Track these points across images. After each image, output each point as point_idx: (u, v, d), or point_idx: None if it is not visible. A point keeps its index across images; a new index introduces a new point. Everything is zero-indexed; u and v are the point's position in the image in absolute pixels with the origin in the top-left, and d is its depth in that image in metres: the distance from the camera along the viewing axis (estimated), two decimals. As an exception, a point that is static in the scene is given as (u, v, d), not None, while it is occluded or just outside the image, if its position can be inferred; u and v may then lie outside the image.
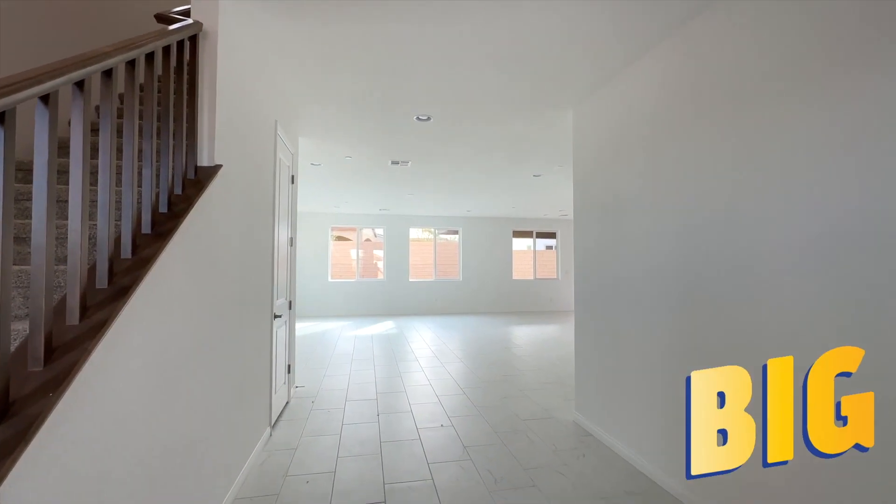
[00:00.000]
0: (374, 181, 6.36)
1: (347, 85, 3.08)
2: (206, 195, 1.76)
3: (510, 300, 11.00)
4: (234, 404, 2.17)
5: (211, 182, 1.79)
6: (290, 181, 3.76)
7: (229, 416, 2.11)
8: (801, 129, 1.64)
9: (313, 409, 3.55)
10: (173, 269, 1.48)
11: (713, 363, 2.01)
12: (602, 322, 2.96)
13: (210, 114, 1.86)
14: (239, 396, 2.27)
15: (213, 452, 1.89)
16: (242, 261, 2.30)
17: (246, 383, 2.38)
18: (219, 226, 1.90)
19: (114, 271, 1.19)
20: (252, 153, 2.51)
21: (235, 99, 2.15)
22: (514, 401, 3.79)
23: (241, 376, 2.29)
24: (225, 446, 2.07)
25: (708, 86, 2.08)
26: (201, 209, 1.73)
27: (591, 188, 3.13)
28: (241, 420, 2.31)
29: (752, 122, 1.84)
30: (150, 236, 1.38)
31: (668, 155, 2.35)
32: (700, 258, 2.10)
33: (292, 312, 3.84)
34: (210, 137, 1.85)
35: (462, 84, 3.03)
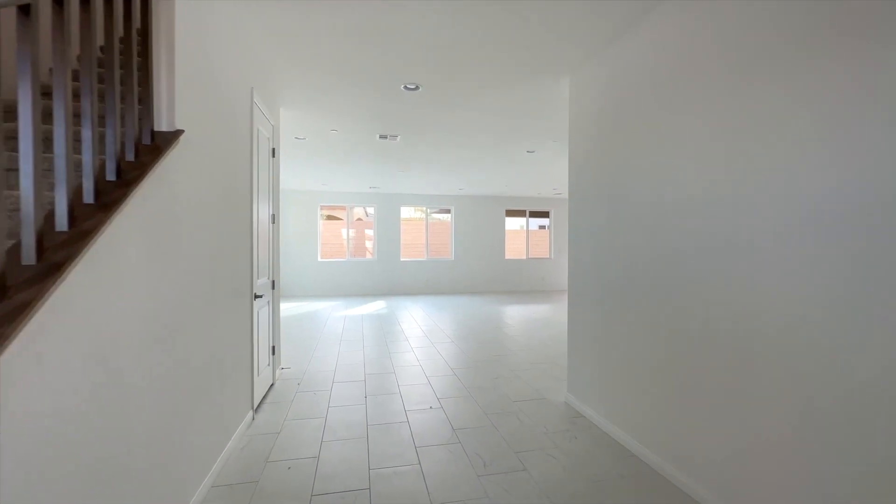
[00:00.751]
0: (362, 157, 6.14)
1: (328, 48, 2.86)
2: (165, 163, 1.59)
3: (502, 280, 10.94)
4: (207, 389, 2.05)
5: (171, 149, 1.62)
6: (271, 154, 3.56)
7: (202, 401, 1.99)
8: (817, 101, 1.50)
9: (299, 391, 3.45)
10: (124, 244, 1.33)
11: (703, 346, 1.92)
12: (595, 303, 2.86)
13: (168, 74, 1.66)
14: (213, 381, 2.14)
15: (184, 441, 1.77)
16: (215, 238, 2.14)
17: (221, 367, 2.26)
18: (183, 198, 1.74)
19: (44, 247, 1.03)
20: (223, 121, 2.31)
21: (201, 60, 1.95)
22: (505, 381, 3.72)
23: (214, 359, 2.16)
24: (199, 433, 1.96)
25: (715, 51, 1.91)
26: (161, 178, 1.56)
27: (589, 162, 2.98)
28: (216, 405, 2.19)
29: (763, 91, 1.69)
30: (93, 207, 1.22)
31: (672, 126, 2.20)
32: (691, 239, 1.99)
33: (276, 292, 3.70)
34: (169, 100, 1.67)
35: (451, 47, 2.82)
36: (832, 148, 1.45)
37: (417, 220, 10.88)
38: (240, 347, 2.62)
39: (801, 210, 1.55)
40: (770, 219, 1.67)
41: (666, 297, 2.21)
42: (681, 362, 2.11)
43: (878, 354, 1.32)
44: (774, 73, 1.65)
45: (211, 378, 2.10)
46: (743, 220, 1.78)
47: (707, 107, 1.96)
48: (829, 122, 1.47)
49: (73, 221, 1.15)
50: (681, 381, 2.10)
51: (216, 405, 2.19)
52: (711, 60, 1.94)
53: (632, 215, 2.50)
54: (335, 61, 3.04)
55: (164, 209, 1.57)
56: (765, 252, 1.69)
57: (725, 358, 1.86)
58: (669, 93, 2.20)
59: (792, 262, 1.58)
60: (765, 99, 1.69)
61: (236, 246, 2.53)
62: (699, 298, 2.00)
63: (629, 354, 2.50)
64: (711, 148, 1.94)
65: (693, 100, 2.04)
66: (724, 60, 1.87)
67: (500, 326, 6.26)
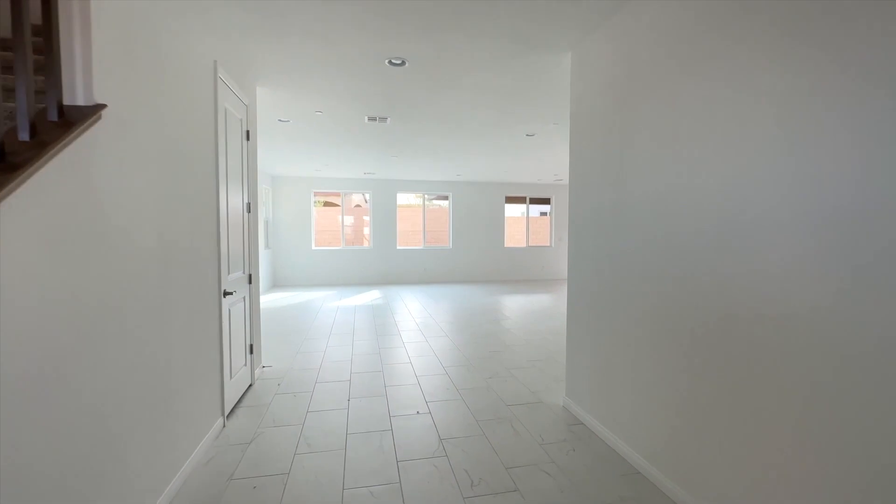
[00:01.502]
0: (351, 141, 5.81)
1: (300, 15, 2.54)
2: (80, 143, 1.31)
3: (502, 268, 10.68)
4: (156, 401, 1.81)
5: (87, 127, 1.33)
6: (245, 137, 3.26)
7: (146, 415, 1.74)
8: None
9: (278, 393, 3.22)
10: (10, 244, 1.06)
11: (727, 355, 1.65)
12: (595, 300, 2.60)
13: (84, 39, 1.37)
14: (166, 390, 1.90)
15: (118, 465, 1.53)
16: (163, 231, 1.87)
17: (175, 374, 2.01)
18: (109, 186, 1.46)
19: None
20: (175, 97, 2.02)
21: (138, 24, 1.66)
22: (500, 382, 3.48)
23: (167, 367, 1.91)
24: (149, 449, 1.72)
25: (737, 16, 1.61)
26: (73, 162, 1.28)
27: (592, 146, 2.68)
28: (172, 416, 1.95)
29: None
30: (-46, 200, 0.95)
31: (691, 99, 1.90)
32: (711, 229, 1.71)
33: (253, 287, 3.44)
34: (86, 69, 1.38)
35: (439, 13, 2.50)
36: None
37: (415, 207, 10.58)
38: (204, 350, 2.37)
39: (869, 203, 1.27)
40: (823, 213, 1.39)
41: (681, 296, 1.94)
42: (698, 371, 1.85)
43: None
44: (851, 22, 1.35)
45: (160, 388, 1.85)
46: (784, 212, 1.50)
47: (738, 74, 1.66)
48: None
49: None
50: (697, 393, 1.85)
51: (172, 416, 1.95)
52: (748, 14, 1.63)
53: (640, 203, 2.21)
54: (309, 30, 2.71)
55: (76, 200, 1.30)
56: (812, 252, 1.41)
57: (756, 372, 1.60)
58: (691, 59, 1.89)
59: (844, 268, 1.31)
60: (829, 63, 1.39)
61: (195, 239, 2.26)
62: (725, 300, 1.73)
63: (635, 358, 2.25)
64: (745, 123, 1.65)
65: (721, 66, 1.74)
66: (767, 13, 1.56)
67: (498, 319, 6.01)
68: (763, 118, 1.54)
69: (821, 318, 1.34)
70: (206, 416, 2.40)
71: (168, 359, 1.92)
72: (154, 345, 1.79)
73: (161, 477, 1.85)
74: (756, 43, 1.57)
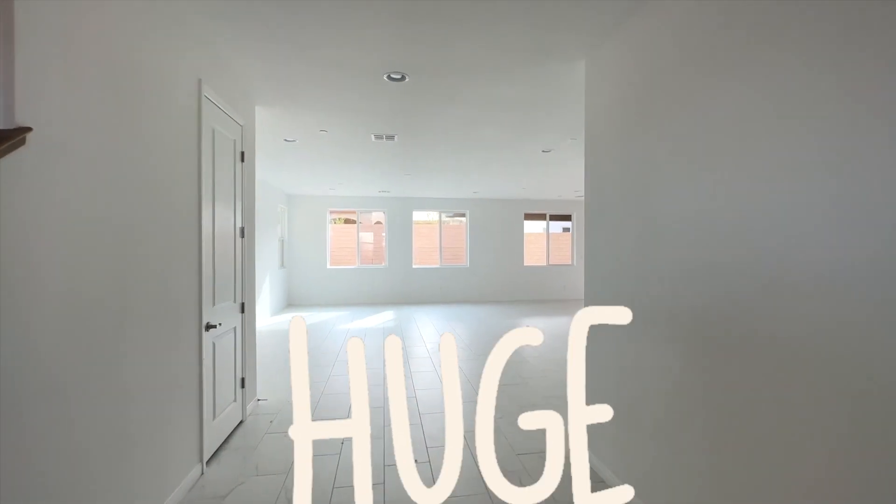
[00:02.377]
0: (360, 159, 5.66)
1: (288, 31, 2.37)
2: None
3: (521, 288, 10.29)
4: (102, 462, 1.58)
5: (6, 154, 1.14)
6: (240, 158, 3.11)
7: (93, 479, 1.52)
8: None
9: (269, 432, 2.98)
10: None
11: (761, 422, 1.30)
12: (616, 337, 2.26)
13: (6, 52, 1.19)
14: (120, 445, 1.67)
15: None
16: (117, 263, 1.67)
17: (137, 423, 1.79)
18: (32, 221, 1.26)
19: None
20: (144, 119, 1.85)
21: (86, 42, 1.49)
22: (511, 424, 3.14)
23: (120, 419, 1.69)
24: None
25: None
26: (-24, 197, 1.09)
27: (610, 162, 2.38)
28: (127, 474, 1.72)
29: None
30: None
31: (716, 109, 1.59)
32: (757, 266, 1.38)
33: (247, 316, 3.24)
34: (7, 87, 1.20)
35: (437, 22, 2.28)
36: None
37: (431, 224, 10.38)
38: (175, 392, 2.15)
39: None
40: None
41: (721, 341, 1.60)
42: (750, 445, 1.50)
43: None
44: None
45: (111, 444, 1.63)
46: (861, 242, 1.16)
47: (779, 79, 1.35)
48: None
49: None
50: (746, 463, 1.49)
51: (125, 473, 1.71)
52: (792, 13, 1.33)
53: (667, 228, 1.89)
54: (299, 46, 2.55)
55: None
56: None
57: (814, 446, 1.24)
58: (720, 63, 1.59)
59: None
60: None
61: (167, 271, 2.06)
62: (776, 351, 1.38)
63: (660, 411, 1.89)
64: (786, 135, 1.33)
65: (758, 70, 1.43)
66: (813, 10, 1.26)
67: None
68: (813, 131, 1.22)
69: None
70: (178, 464, 2.17)
71: (121, 410, 1.70)
72: (103, 391, 1.58)
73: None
74: (801, 44, 1.26)
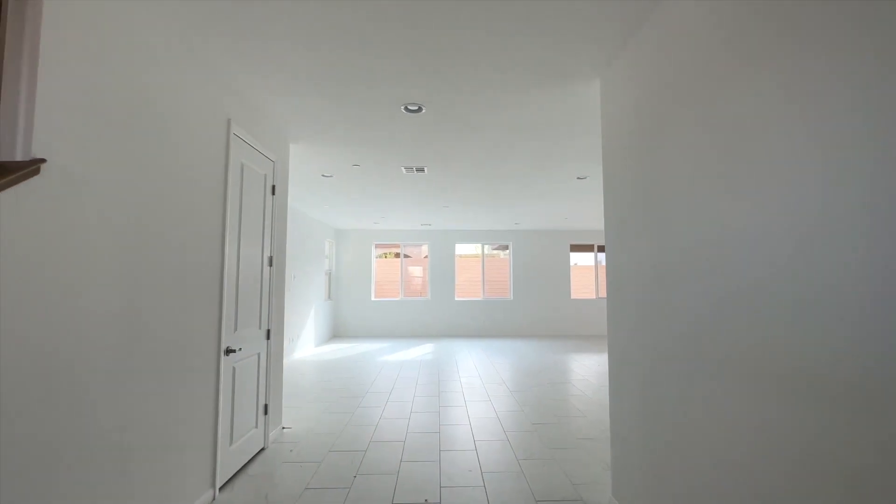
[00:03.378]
0: (394, 192, 5.82)
1: (299, 62, 2.53)
2: (3, 199, 1.25)
3: (568, 322, 9.81)
4: (102, 483, 1.63)
5: (14, 183, 1.28)
6: (270, 192, 3.30)
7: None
8: None
9: (286, 461, 2.96)
10: None
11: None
12: (644, 380, 2.03)
13: (29, 92, 1.36)
14: (120, 468, 1.72)
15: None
16: (130, 286, 1.78)
17: (139, 445, 1.84)
18: (40, 245, 1.38)
19: None
20: (169, 154, 2.02)
21: (109, 85, 1.67)
22: (537, 466, 2.89)
23: (120, 438, 1.74)
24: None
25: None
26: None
27: (625, 185, 2.24)
28: (126, 498, 1.76)
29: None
30: None
31: (735, 119, 1.44)
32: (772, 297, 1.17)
33: (273, 343, 3.32)
34: (27, 125, 1.35)
35: (450, 55, 2.33)
36: None
37: (473, 258, 10.32)
38: (186, 414, 2.21)
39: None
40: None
41: (751, 387, 1.38)
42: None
43: None
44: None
45: (109, 467, 1.67)
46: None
47: (805, 80, 1.20)
48: None
49: None
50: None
51: (123, 497, 1.75)
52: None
53: (683, 255, 1.71)
54: (321, 85, 2.70)
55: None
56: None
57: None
58: (734, 68, 1.46)
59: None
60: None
61: (184, 294, 2.17)
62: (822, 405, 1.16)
63: (696, 454, 1.64)
64: (814, 147, 1.16)
65: (782, 71, 1.29)
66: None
67: (554, 382, 5.32)
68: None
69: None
70: (187, 488, 2.20)
71: (128, 426, 1.76)
72: (103, 407, 1.64)
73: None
74: (832, 39, 1.12)
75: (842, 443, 1.04)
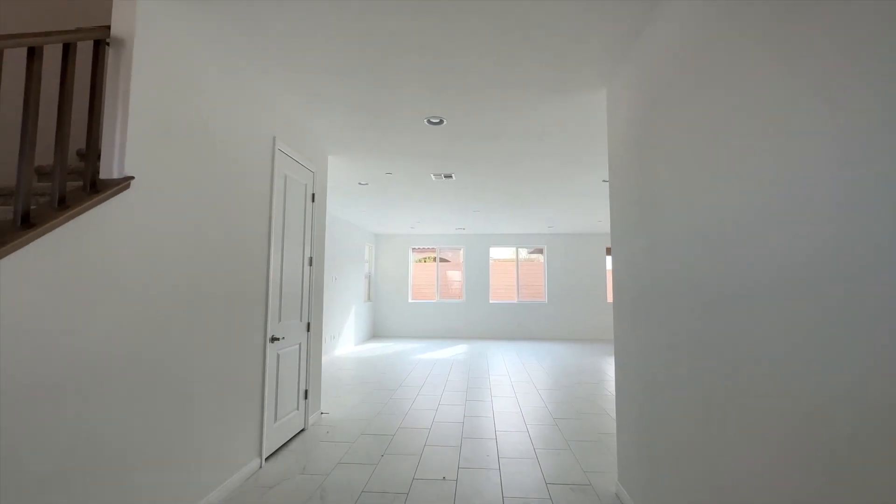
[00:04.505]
0: (426, 199, 6.13)
1: (336, 89, 2.88)
2: (102, 209, 1.64)
3: (604, 325, 9.71)
4: (170, 436, 2.00)
5: (112, 196, 1.66)
6: (310, 199, 3.69)
7: (161, 449, 1.93)
8: None
9: (322, 441, 3.30)
10: (10, 289, 1.33)
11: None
12: (642, 361, 2.16)
13: (122, 126, 1.75)
14: (185, 427, 2.09)
15: (136, 486, 1.71)
16: (194, 280, 2.16)
17: (201, 411, 2.21)
18: (128, 241, 1.76)
19: None
20: (225, 169, 2.41)
21: (180, 113, 2.06)
22: (552, 455, 3.04)
23: (188, 403, 2.11)
24: (157, 480, 1.89)
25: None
26: (89, 224, 1.59)
27: (625, 186, 2.38)
28: (191, 452, 2.13)
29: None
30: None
31: (710, 116, 1.59)
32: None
33: (312, 335, 3.69)
34: (121, 150, 1.74)
35: (466, 73, 2.59)
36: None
37: (508, 261, 10.45)
38: (241, 390, 2.58)
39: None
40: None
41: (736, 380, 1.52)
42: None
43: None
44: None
45: (178, 424, 2.05)
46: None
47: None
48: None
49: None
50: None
51: (189, 451, 2.12)
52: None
53: (680, 262, 1.85)
54: (354, 105, 3.04)
55: (88, 251, 1.59)
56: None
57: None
58: (721, 71, 1.61)
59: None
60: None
61: (237, 288, 2.55)
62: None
63: (689, 437, 1.77)
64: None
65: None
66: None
67: (582, 382, 5.39)
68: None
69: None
70: (239, 454, 2.56)
71: (191, 390, 2.13)
72: (172, 377, 2.02)
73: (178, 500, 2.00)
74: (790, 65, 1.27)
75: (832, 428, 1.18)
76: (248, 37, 2.27)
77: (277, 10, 2.04)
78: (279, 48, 2.37)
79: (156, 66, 1.91)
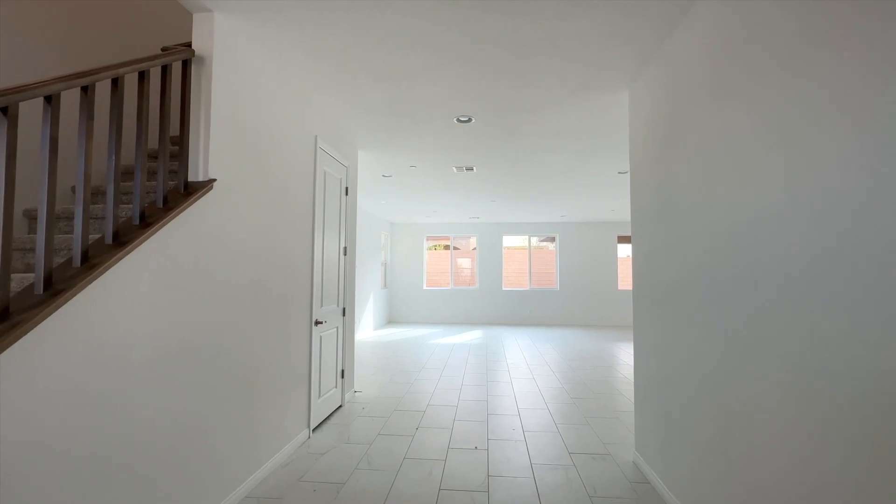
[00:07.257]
0: (446, 189, 6.34)
1: (375, 93, 3.09)
2: (195, 207, 1.89)
3: (616, 312, 9.94)
4: (242, 405, 2.28)
5: (201, 196, 1.91)
6: (344, 193, 3.93)
7: (235, 416, 2.22)
8: None
9: (360, 416, 3.60)
10: (137, 273, 1.60)
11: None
12: (660, 328, 2.40)
13: (206, 133, 1.99)
14: (252, 397, 2.38)
15: (207, 449, 1.99)
16: (258, 268, 2.43)
17: (264, 383, 2.49)
18: (211, 235, 2.02)
19: (52, 280, 1.31)
20: (277, 168, 2.65)
21: (244, 119, 2.30)
22: (572, 429, 3.31)
23: (254, 377, 2.39)
24: (235, 443, 2.18)
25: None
26: (186, 221, 1.85)
27: (646, 184, 2.59)
28: (256, 420, 2.42)
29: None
30: (109, 246, 1.51)
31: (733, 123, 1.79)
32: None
33: (348, 319, 3.97)
34: (205, 155, 1.99)
35: (496, 74, 2.79)
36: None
37: (520, 249, 10.67)
38: (291, 367, 2.86)
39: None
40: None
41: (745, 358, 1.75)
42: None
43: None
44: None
45: (247, 393, 2.33)
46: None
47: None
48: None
49: (88, 259, 1.43)
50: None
51: (254, 419, 2.41)
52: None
53: (697, 257, 2.07)
54: (388, 105, 3.26)
55: (189, 247, 1.85)
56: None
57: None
58: (736, 84, 1.81)
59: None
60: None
61: (289, 276, 2.82)
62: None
63: (704, 407, 2.02)
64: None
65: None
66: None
67: (595, 366, 5.65)
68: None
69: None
70: (291, 426, 2.86)
71: (256, 368, 2.42)
72: (243, 357, 2.30)
73: (243, 468, 2.30)
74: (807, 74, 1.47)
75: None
76: (304, 53, 2.49)
77: (335, 24, 2.24)
78: (331, 60, 2.58)
79: (227, 78, 2.14)
